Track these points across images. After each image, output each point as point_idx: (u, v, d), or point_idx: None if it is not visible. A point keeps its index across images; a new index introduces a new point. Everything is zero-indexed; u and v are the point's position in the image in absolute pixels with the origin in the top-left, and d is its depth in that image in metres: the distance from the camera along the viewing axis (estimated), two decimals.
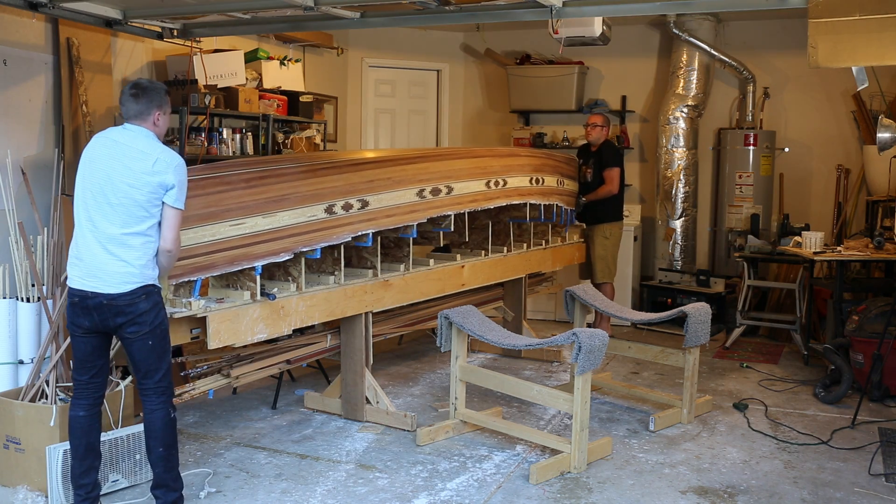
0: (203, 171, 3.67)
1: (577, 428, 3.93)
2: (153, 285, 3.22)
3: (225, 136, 5.89)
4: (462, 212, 5.07)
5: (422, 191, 4.64)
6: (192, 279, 3.60)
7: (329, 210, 4.11)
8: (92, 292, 3.16)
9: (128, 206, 3.12)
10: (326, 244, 4.15)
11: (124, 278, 3.15)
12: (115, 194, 3.12)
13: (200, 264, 3.58)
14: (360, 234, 4.31)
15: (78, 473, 3.35)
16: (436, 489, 3.77)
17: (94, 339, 3.29)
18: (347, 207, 4.19)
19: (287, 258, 3.97)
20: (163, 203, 3.15)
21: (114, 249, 3.14)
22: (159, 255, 3.21)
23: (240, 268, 3.77)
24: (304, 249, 4.03)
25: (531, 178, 5.71)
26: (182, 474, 3.86)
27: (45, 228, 4.18)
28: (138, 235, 3.15)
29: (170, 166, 3.13)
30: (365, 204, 4.28)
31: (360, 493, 3.72)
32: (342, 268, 4.39)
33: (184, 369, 4.23)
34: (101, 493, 3.60)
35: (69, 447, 3.39)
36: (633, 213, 7.70)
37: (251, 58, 6.36)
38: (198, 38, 5.55)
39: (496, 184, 5.30)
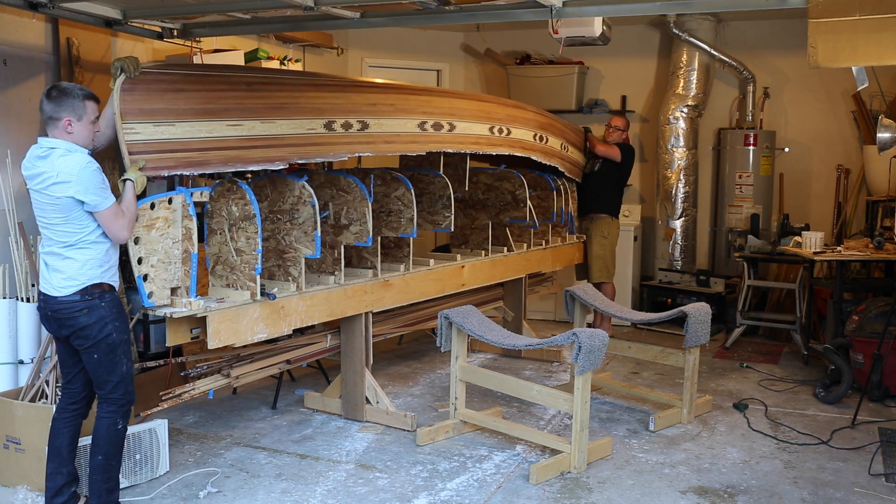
0: (204, 69, 3.66)
1: (577, 428, 3.93)
2: (97, 293, 3.20)
3: None
4: (464, 152, 5.09)
5: (423, 123, 4.65)
6: (184, 173, 3.58)
7: (328, 126, 4.10)
8: (43, 294, 3.25)
9: (57, 226, 3.16)
10: (323, 160, 4.18)
11: (63, 283, 3.19)
12: (46, 216, 3.17)
13: (194, 159, 3.56)
14: (357, 154, 4.34)
15: (46, 474, 3.38)
16: (436, 489, 3.77)
17: (63, 345, 3.35)
18: (347, 126, 4.20)
19: (282, 167, 3.94)
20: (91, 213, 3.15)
21: (55, 264, 3.20)
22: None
23: (233, 169, 3.74)
24: (300, 161, 4.05)
25: (535, 135, 5.74)
26: (182, 475, 3.87)
27: None
28: (74, 248, 3.17)
29: (70, 177, 3.08)
30: (365, 125, 4.29)
31: (360, 493, 3.72)
32: (342, 268, 4.39)
33: (184, 369, 4.23)
34: None
35: None
36: (633, 213, 7.71)
37: (251, 58, 6.35)
38: (198, 38, 5.55)
39: (500, 131, 5.33)
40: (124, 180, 3.28)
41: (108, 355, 3.26)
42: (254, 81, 3.88)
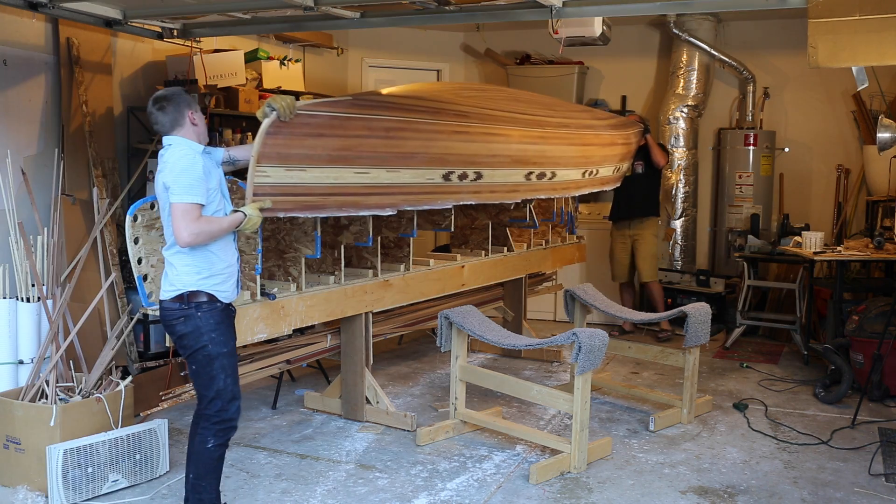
0: (353, 110, 3.57)
1: (577, 428, 3.93)
2: (194, 302, 3.11)
3: (225, 136, 5.89)
4: (552, 197, 5.32)
5: (530, 174, 4.68)
6: (300, 215, 3.58)
7: (446, 177, 4.13)
8: (159, 301, 3.22)
9: (165, 222, 3.13)
10: (428, 207, 4.26)
11: (165, 287, 3.16)
12: (161, 212, 3.16)
13: (312, 203, 3.55)
14: (461, 203, 4.38)
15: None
16: (436, 489, 3.77)
17: None
18: (463, 177, 4.22)
19: (390, 213, 4.01)
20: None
21: (166, 266, 3.18)
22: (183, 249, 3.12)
23: (346, 214, 3.78)
24: (408, 208, 4.08)
25: (615, 168, 5.82)
26: (182, 475, 3.86)
27: (45, 228, 4.18)
28: (173, 250, 3.12)
29: (167, 164, 3.06)
30: (479, 176, 4.30)
31: (360, 493, 3.72)
32: (342, 268, 4.39)
33: (184, 369, 4.23)
34: (101, 492, 3.61)
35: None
36: None
37: (251, 58, 6.36)
38: (198, 38, 5.55)
39: (590, 173, 5.40)
40: (236, 210, 3.18)
41: (205, 368, 3.15)
42: (393, 127, 3.80)
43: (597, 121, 5.71)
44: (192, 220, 2.99)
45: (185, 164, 3.04)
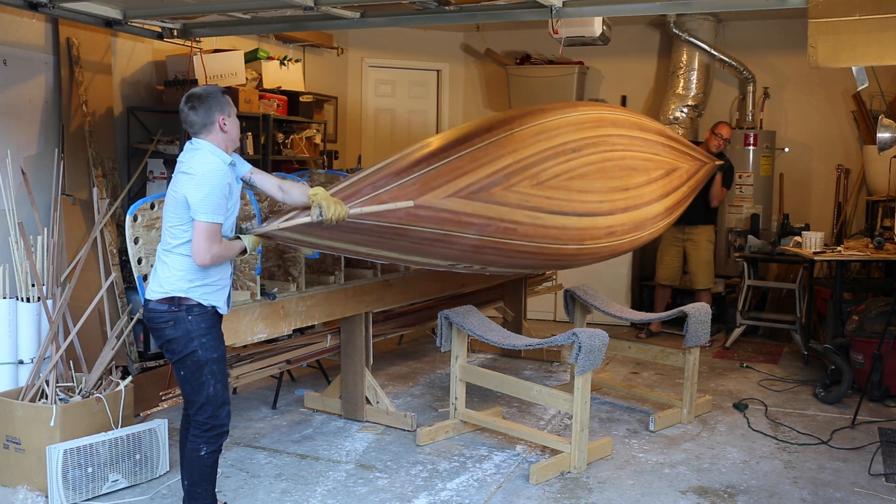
0: (405, 219, 3.38)
1: (577, 428, 3.93)
2: (184, 306, 3.07)
3: None
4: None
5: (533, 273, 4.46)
6: (300, 248, 3.66)
7: (452, 265, 3.89)
8: (144, 297, 3.15)
9: (168, 222, 3.07)
10: (418, 266, 4.23)
11: (154, 287, 3.11)
12: (166, 210, 3.08)
13: (314, 246, 3.54)
14: (452, 268, 4.13)
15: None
16: (436, 489, 3.77)
17: None
18: (468, 268, 3.99)
19: (382, 262, 4.05)
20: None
21: (157, 265, 3.12)
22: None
23: (341, 255, 3.97)
24: (400, 264, 4.07)
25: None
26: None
27: (45, 228, 4.19)
28: (173, 253, 3.06)
29: (192, 181, 2.98)
30: (484, 268, 4.08)
31: (360, 493, 3.72)
32: (342, 268, 4.39)
33: None
34: (101, 492, 3.61)
35: None
36: None
37: (251, 58, 6.36)
38: (198, 38, 5.55)
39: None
40: (238, 237, 3.13)
41: (195, 374, 3.10)
42: (429, 238, 3.51)
43: (662, 202, 4.73)
44: (215, 242, 2.98)
45: (214, 182, 2.97)
